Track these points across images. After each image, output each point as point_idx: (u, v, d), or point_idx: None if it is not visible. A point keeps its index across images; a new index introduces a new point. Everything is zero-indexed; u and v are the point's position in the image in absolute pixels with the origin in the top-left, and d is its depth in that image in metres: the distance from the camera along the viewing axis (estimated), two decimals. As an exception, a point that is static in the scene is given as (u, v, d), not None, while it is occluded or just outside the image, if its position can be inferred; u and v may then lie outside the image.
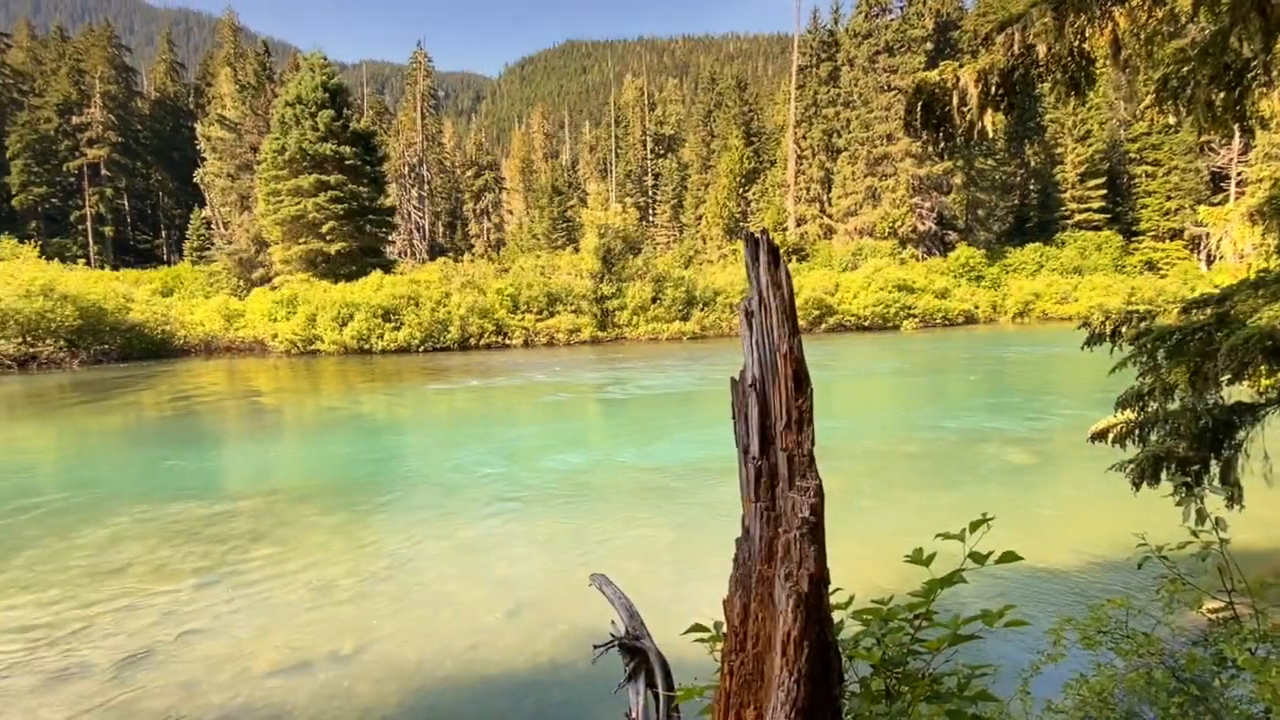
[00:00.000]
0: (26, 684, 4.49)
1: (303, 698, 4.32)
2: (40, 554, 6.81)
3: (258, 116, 48.12)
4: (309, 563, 6.57)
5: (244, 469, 11.00)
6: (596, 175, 78.04)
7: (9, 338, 25.25)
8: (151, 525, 7.64)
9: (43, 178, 64.97)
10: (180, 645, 4.98)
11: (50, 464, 11.68)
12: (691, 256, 55.46)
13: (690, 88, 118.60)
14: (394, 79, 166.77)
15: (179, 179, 67.33)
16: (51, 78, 68.58)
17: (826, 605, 1.38)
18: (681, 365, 23.56)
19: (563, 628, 5.21)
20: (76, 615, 5.45)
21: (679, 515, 7.81)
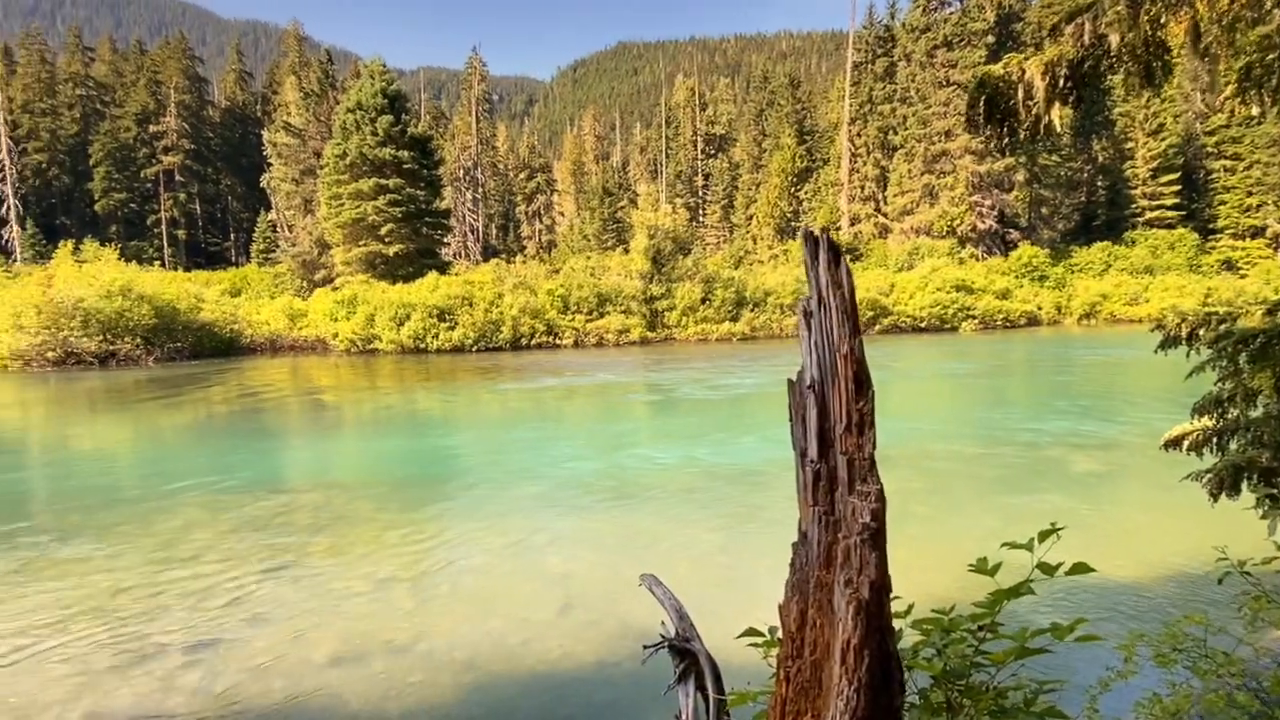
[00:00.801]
0: (107, 663, 4.73)
1: (360, 687, 4.44)
2: (120, 541, 7.17)
3: (321, 123, 49.77)
4: (366, 555, 6.75)
5: (306, 463, 11.38)
6: (647, 176, 78.21)
7: (91, 336, 26.72)
8: (221, 515, 7.97)
9: (122, 184, 68.59)
10: (247, 630, 5.18)
11: (128, 456, 12.31)
12: (742, 257, 55.09)
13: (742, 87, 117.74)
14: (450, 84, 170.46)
15: (247, 184, 70.16)
16: (131, 89, 72.33)
17: (888, 614, 1.34)
18: (731, 366, 23.41)
19: (611, 626, 5.23)
20: (153, 599, 5.73)
21: (728, 517, 7.76)
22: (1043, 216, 50.12)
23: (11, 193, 59.76)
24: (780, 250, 54.91)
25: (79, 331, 26.53)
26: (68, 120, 71.15)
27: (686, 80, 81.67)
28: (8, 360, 25.92)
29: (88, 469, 11.18)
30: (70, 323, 26.48)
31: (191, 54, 77.05)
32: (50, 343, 26.10)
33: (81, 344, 26.47)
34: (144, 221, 69.32)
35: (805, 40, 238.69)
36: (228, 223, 75.28)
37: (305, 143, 50.38)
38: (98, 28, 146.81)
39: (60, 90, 72.58)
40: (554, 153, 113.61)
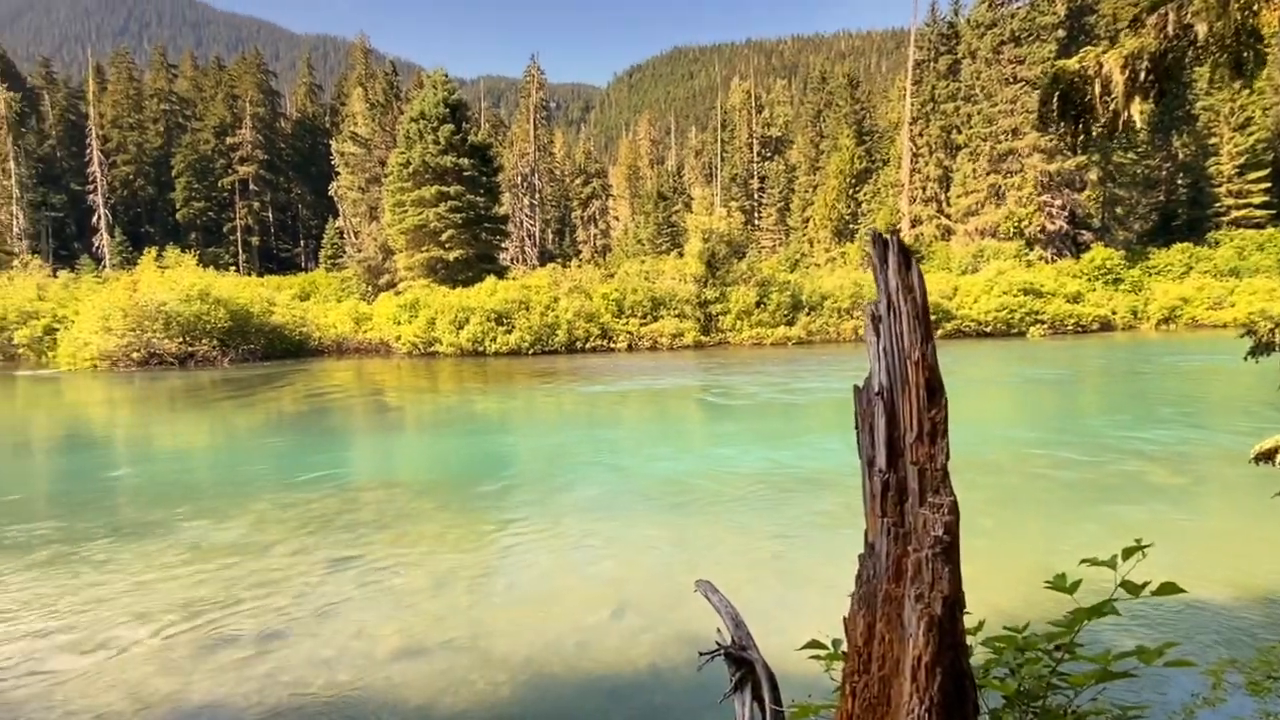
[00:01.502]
0: (184, 652, 4.96)
1: (421, 682, 4.54)
2: (197, 535, 7.53)
3: (386, 132, 51.38)
4: (427, 553, 6.91)
5: (370, 462, 11.74)
6: (702, 180, 78.03)
7: (172, 337, 28.20)
8: (290, 511, 8.28)
9: (201, 193, 72.21)
10: (314, 623, 5.36)
11: (205, 453, 12.93)
12: (798, 260, 54.38)
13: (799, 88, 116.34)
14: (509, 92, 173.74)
15: (316, 192, 72.97)
16: (210, 103, 76.14)
17: (961, 630, 1.29)
18: (786, 371, 23.11)
19: (666, 632, 5.21)
20: (228, 591, 5.99)
21: (784, 525, 7.65)
22: (1117, 217, 47.88)
23: (102, 203, 63.61)
24: (838, 253, 54.00)
25: (161, 333, 28.03)
26: (153, 134, 75.38)
27: (742, 83, 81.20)
28: (97, 360, 27.57)
29: (169, 465, 11.78)
30: (153, 325, 28.00)
31: (265, 69, 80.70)
32: (135, 344, 27.65)
33: (163, 345, 27.97)
34: (221, 229, 72.85)
35: (865, 39, 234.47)
36: (298, 229, 78.43)
37: (371, 152, 52.09)
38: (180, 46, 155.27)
39: (146, 106, 76.97)
40: (609, 158, 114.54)
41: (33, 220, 63.84)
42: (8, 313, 33.89)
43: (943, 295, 36.16)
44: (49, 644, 5.09)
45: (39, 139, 69.76)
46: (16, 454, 13.09)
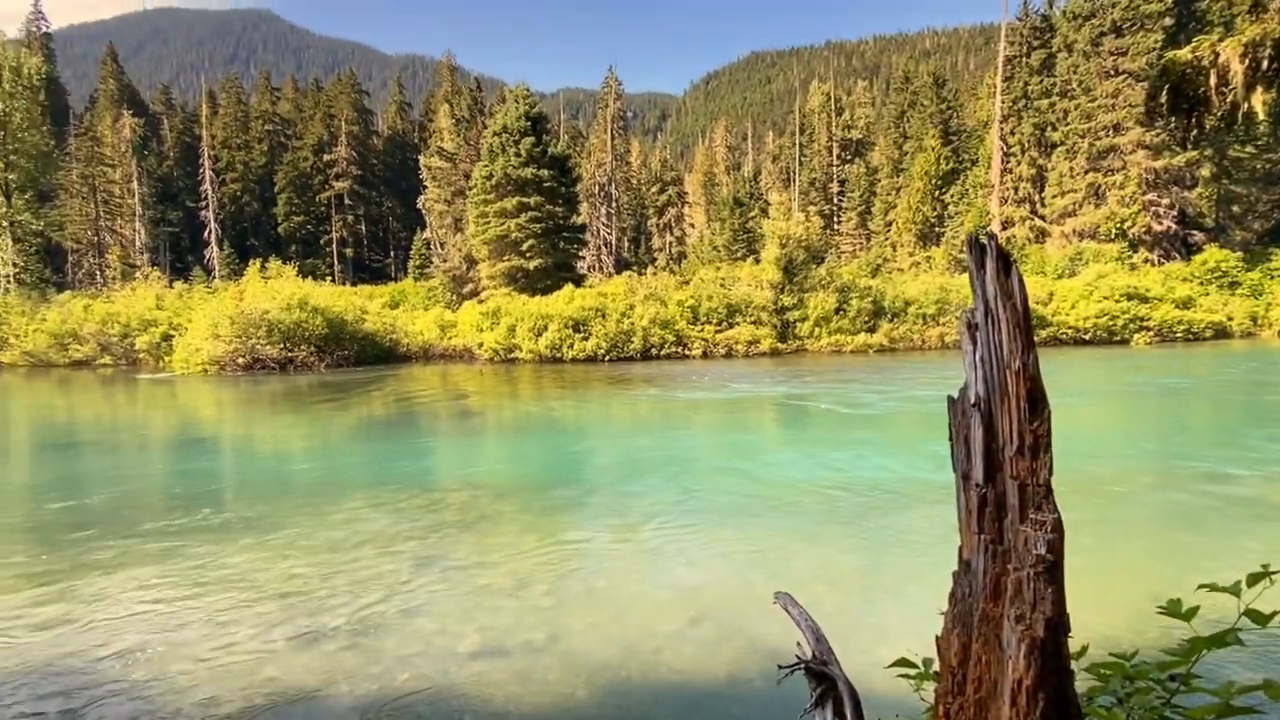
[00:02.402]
0: (283, 641, 5.26)
1: (500, 680, 4.65)
2: (297, 530, 7.97)
3: (470, 146, 53.20)
4: (507, 555, 7.08)
5: (453, 464, 12.13)
6: (779, 185, 77.04)
7: (274, 344, 30.01)
8: (380, 510, 8.65)
9: (301, 208, 76.69)
10: (401, 619, 5.58)
11: (302, 453, 13.67)
12: (879, 265, 52.88)
13: (881, 89, 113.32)
14: (587, 104, 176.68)
15: (405, 205, 76.22)
16: (309, 122, 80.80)
17: (1065, 654, 1.22)
18: (867, 379, 22.47)
19: (743, 643, 5.15)
20: (323, 584, 6.31)
21: (867, 538, 7.43)
22: (1234, 216, 44.32)
23: (213, 218, 68.43)
24: (922, 257, 52.22)
25: (264, 340, 29.87)
26: (258, 153, 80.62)
27: (821, 85, 79.81)
28: (207, 365, 29.64)
29: (270, 464, 12.53)
30: (257, 332, 29.87)
31: (359, 89, 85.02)
32: (240, 350, 29.58)
33: (265, 351, 29.80)
34: (318, 241, 77.12)
35: (951, 37, 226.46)
36: (388, 241, 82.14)
37: (456, 165, 54.03)
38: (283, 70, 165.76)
39: (252, 127, 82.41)
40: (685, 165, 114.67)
41: (153, 235, 69.36)
42: (131, 320, 36.89)
43: (1037, 301, 34.38)
44: (162, 628, 5.49)
45: (159, 160, 75.73)
46: (137, 451, 14.21)
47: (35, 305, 42.16)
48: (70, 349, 37.29)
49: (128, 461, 12.92)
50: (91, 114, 76.72)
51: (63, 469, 12.40)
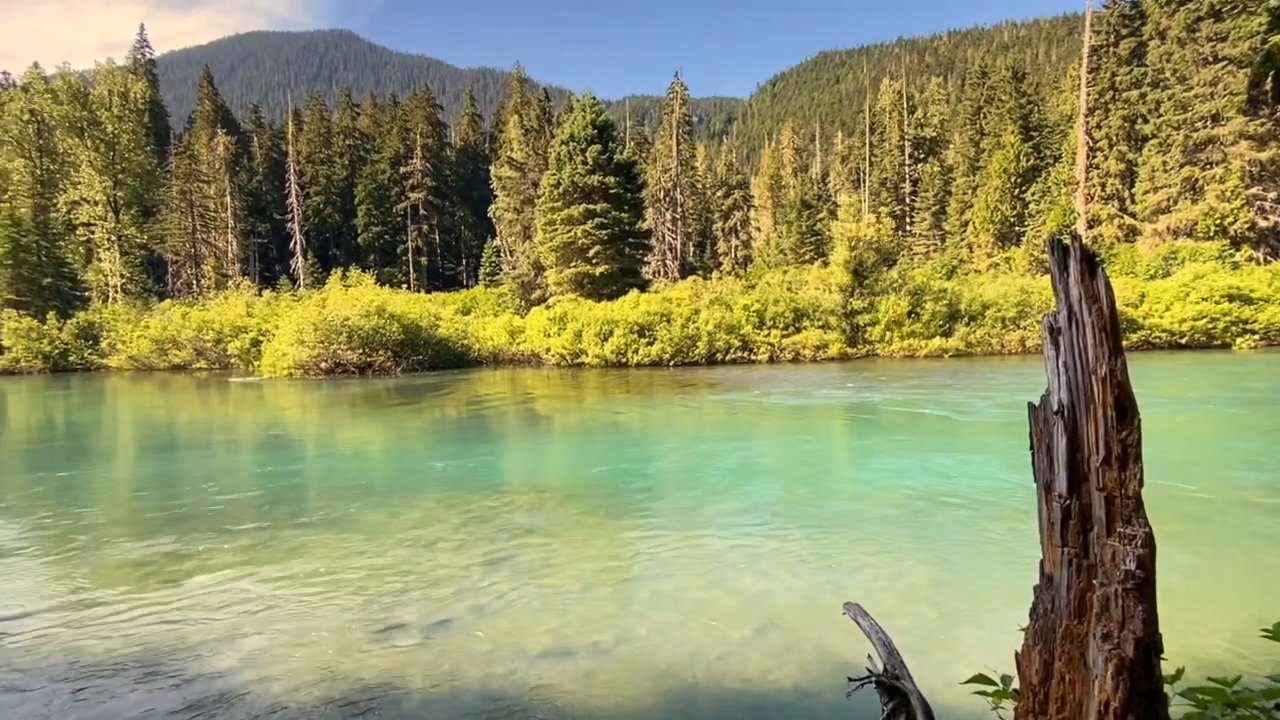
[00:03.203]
0: (361, 634, 5.47)
1: (567, 681, 4.70)
2: (373, 528, 8.28)
3: (539, 156, 54.25)
4: (574, 557, 7.16)
5: (521, 466, 12.36)
6: (848, 186, 75.48)
7: (353, 349, 31.31)
8: (452, 511, 8.90)
9: (379, 218, 79.84)
10: (472, 617, 5.72)
11: (380, 453, 14.21)
12: (955, 266, 51.06)
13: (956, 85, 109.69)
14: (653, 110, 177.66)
15: (477, 214, 78.36)
16: (386, 136, 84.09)
17: (1157, 676, 1.16)
18: (942, 384, 21.72)
19: (812, 654, 5.05)
20: (398, 581, 6.53)
21: (942, 549, 7.18)
22: (1354, 208, 40.78)
23: (298, 230, 72.00)
24: (1001, 258, 50.17)
25: (344, 345, 31.21)
26: (339, 167, 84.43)
27: (893, 83, 77.83)
28: (293, 369, 31.16)
29: (349, 464, 13.07)
30: (338, 338, 31.24)
31: (434, 102, 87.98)
32: (323, 355, 30.98)
33: (346, 356, 31.12)
34: (395, 250, 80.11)
35: (1031, 28, 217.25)
36: (461, 249, 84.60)
37: (525, 175, 55.19)
38: (362, 86, 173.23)
39: (334, 142, 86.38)
40: (751, 168, 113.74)
41: (244, 246, 73.55)
42: (223, 327, 39.20)
43: (1127, 303, 32.53)
44: (251, 619, 5.79)
45: (249, 176, 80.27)
46: (228, 451, 15.06)
47: (139, 313, 45.38)
48: (169, 354, 39.91)
49: (220, 461, 13.71)
50: (189, 133, 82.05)
51: (163, 468, 13.26)
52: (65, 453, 15.37)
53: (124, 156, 56.28)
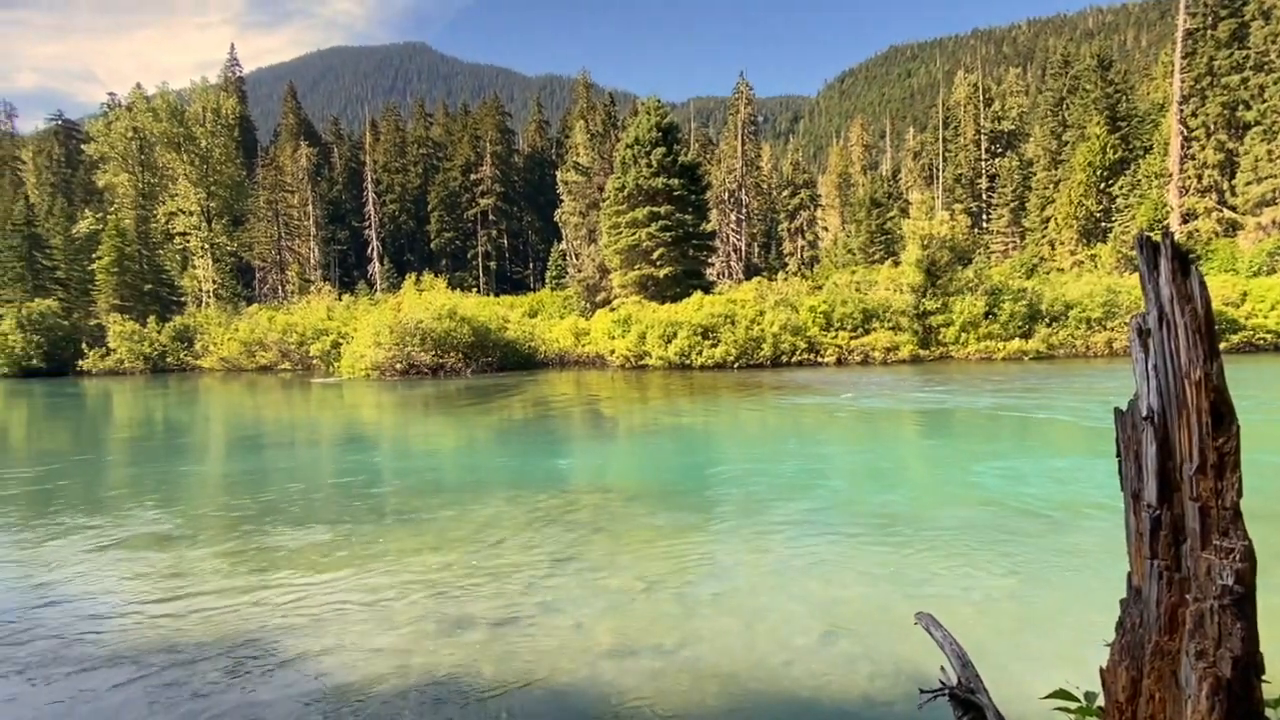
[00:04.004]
0: (433, 627, 5.64)
1: (631, 681, 4.73)
2: (444, 524, 8.53)
3: (604, 160, 54.79)
4: (638, 558, 7.20)
5: (586, 467, 12.50)
6: (920, 183, 73.25)
7: (426, 351, 32.34)
8: (519, 509, 9.08)
9: (450, 224, 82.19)
10: (539, 614, 5.82)
11: (450, 452, 14.62)
12: (1035, 265, 48.87)
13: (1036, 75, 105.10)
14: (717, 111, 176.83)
15: (543, 219, 79.68)
16: (457, 144, 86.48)
17: (1257, 698, 1.09)
18: (1022, 387, 20.82)
19: (881, 664, 4.93)
20: (468, 577, 6.71)
21: (1019, 559, 6.88)
22: None
23: (375, 236, 74.83)
24: (1086, 256, 47.75)
25: (418, 347, 32.27)
26: (413, 175, 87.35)
27: (968, 75, 75.15)
28: (369, 370, 32.41)
29: (422, 461, 13.50)
30: (412, 340, 32.32)
31: (502, 110, 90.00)
32: (398, 356, 32.11)
33: (419, 358, 32.18)
34: (465, 255, 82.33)
35: (1119, 14, 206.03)
36: (528, 253, 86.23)
37: (591, 179, 55.83)
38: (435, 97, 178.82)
39: (408, 151, 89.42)
40: (818, 167, 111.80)
41: (324, 253, 76.96)
42: (306, 330, 41.11)
43: (1227, 302, 30.45)
44: (329, 608, 6.06)
45: (329, 185, 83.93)
46: (310, 448, 15.79)
47: (229, 317, 48.09)
48: (257, 355, 42.13)
49: (303, 457, 14.39)
50: (275, 146, 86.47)
51: (251, 463, 14.02)
52: (165, 449, 16.43)
53: (216, 169, 59.76)
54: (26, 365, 42.88)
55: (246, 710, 4.46)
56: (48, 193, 79.38)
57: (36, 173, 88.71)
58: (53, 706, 4.57)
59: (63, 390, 33.46)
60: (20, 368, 42.64)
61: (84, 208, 65.77)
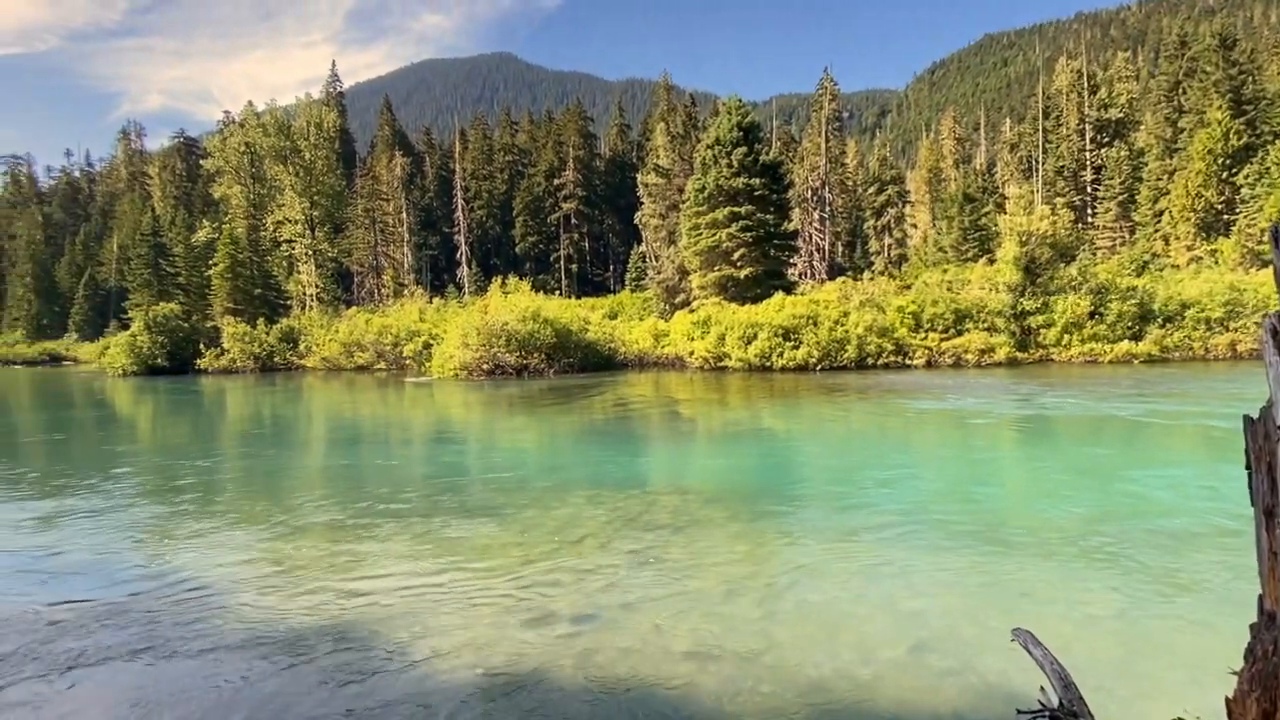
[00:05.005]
0: (517, 620, 5.78)
1: (712, 686, 4.70)
2: (528, 521, 8.73)
3: (684, 161, 54.77)
4: (717, 560, 7.15)
5: (665, 468, 12.52)
6: (1018, 176, 69.57)
7: (511, 352, 33.21)
8: (599, 508, 9.19)
9: (534, 229, 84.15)
10: (619, 613, 5.87)
11: (533, 450, 14.95)
12: (1147, 261, 45.54)
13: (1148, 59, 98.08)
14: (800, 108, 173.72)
15: (624, 221, 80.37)
16: (541, 150, 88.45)
17: None
18: (1133, 392, 19.44)
19: (973, 680, 4.70)
20: (550, 573, 6.84)
21: (1130, 578, 6.42)
22: None
23: (464, 241, 77.47)
24: (1205, 251, 44.14)
25: (503, 348, 33.19)
26: (499, 181, 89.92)
27: (1071, 62, 70.83)
28: (458, 370, 33.58)
29: (507, 459, 13.87)
30: (498, 341, 33.27)
31: (585, 115, 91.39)
32: (484, 357, 33.12)
33: (505, 358, 33.08)
34: (548, 258, 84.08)
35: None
36: (608, 256, 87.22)
37: (671, 181, 55.92)
38: (521, 105, 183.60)
39: (495, 158, 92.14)
40: (907, 162, 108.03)
41: (417, 258, 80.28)
42: (399, 332, 42.98)
43: (1375, 300, 27.47)
44: (421, 599, 6.30)
45: (422, 193, 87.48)
46: (403, 444, 16.50)
47: (330, 320, 50.89)
48: (354, 356, 44.39)
49: (397, 452, 15.06)
50: (372, 156, 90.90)
51: (350, 458, 14.78)
52: (274, 443, 17.55)
53: (319, 180, 63.35)
54: (152, 364, 46.72)
55: (341, 691, 4.70)
56: (171, 205, 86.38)
57: (161, 186, 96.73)
58: (169, 686, 4.96)
59: (185, 388, 36.29)
60: (146, 366, 46.50)
61: (202, 218, 71.21)
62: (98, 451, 16.20)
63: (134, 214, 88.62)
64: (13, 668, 5.13)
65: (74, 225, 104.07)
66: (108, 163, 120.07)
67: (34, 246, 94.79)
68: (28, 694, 4.78)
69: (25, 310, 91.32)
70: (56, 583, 6.93)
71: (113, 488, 11.43)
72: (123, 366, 46.19)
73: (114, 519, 9.39)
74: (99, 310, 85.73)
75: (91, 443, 17.73)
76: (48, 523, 9.26)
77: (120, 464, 13.94)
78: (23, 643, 5.54)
